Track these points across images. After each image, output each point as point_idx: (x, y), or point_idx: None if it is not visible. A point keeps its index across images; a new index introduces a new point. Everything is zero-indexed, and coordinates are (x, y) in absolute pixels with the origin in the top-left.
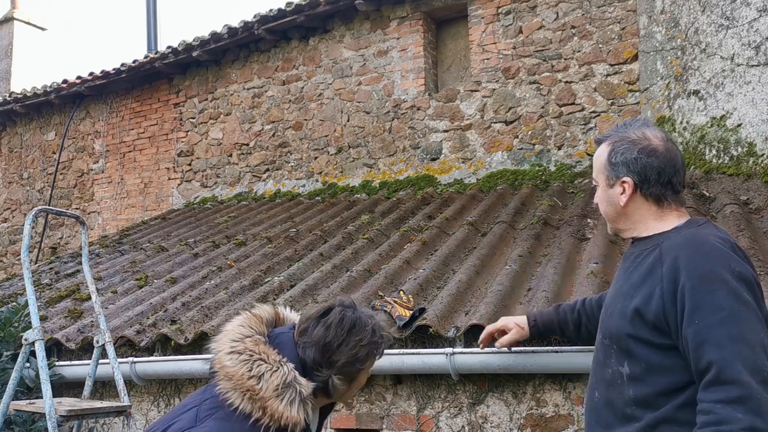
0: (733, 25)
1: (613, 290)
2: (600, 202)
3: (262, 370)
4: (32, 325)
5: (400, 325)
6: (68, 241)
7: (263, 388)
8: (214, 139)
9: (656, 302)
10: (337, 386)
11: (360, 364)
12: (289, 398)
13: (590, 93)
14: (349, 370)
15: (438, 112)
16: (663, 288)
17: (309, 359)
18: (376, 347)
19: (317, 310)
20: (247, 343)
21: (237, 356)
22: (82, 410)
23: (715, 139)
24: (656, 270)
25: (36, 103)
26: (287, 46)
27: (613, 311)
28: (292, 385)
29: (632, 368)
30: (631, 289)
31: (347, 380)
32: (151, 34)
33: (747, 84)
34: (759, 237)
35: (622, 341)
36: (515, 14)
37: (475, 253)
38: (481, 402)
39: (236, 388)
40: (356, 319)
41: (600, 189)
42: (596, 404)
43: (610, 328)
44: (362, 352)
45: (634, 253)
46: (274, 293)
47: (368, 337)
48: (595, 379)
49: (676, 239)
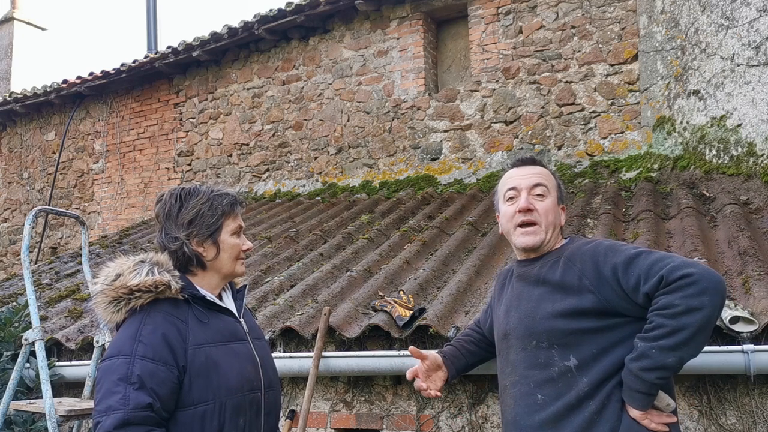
0: (733, 25)
1: (524, 302)
2: (547, 211)
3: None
4: (32, 325)
5: (400, 325)
6: (68, 241)
7: (126, 280)
8: (214, 139)
9: (588, 294)
10: (200, 251)
11: (209, 219)
12: (139, 270)
13: (590, 93)
14: (203, 231)
15: (438, 112)
16: (589, 280)
17: (160, 239)
18: (219, 200)
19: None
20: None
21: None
22: (82, 410)
23: (715, 139)
24: (571, 270)
25: (36, 103)
26: (287, 46)
27: (541, 316)
28: (144, 262)
29: (580, 358)
30: (550, 294)
31: (208, 242)
32: (151, 34)
33: (747, 84)
34: (759, 237)
35: (563, 338)
36: (515, 14)
37: (475, 253)
38: (481, 402)
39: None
40: (188, 188)
41: (551, 200)
42: (541, 405)
43: (541, 331)
44: (204, 209)
45: (534, 267)
46: (274, 293)
47: (205, 195)
48: (532, 384)
49: (572, 247)
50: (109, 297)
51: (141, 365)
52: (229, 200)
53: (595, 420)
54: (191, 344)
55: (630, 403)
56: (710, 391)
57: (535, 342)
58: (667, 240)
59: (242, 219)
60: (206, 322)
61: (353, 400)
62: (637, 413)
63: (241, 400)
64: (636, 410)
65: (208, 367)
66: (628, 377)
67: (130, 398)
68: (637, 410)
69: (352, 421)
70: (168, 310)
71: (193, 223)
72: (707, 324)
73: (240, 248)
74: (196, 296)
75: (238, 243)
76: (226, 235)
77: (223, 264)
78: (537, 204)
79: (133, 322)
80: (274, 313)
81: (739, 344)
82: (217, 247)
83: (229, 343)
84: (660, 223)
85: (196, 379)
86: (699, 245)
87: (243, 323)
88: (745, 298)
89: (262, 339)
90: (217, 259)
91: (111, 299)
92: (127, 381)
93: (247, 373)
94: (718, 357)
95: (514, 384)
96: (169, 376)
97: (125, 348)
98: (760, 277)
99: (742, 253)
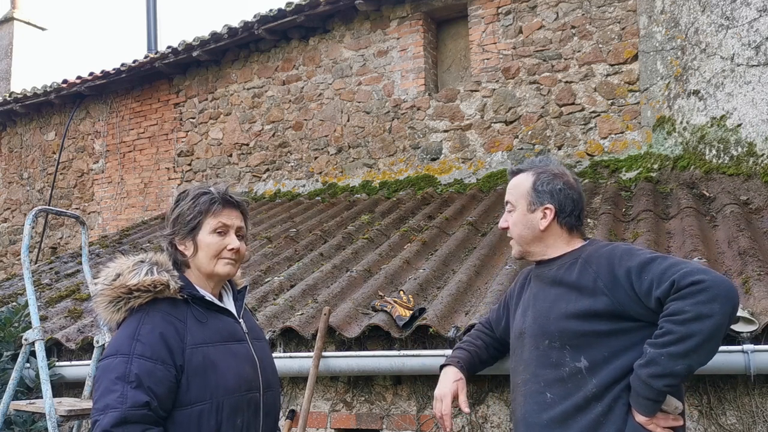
0: (733, 25)
1: (540, 301)
2: (514, 224)
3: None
4: (32, 325)
5: (400, 325)
6: (68, 241)
7: (126, 280)
8: (214, 139)
9: (602, 296)
10: (181, 249)
11: (188, 217)
12: (138, 270)
13: (590, 93)
14: (183, 230)
15: (438, 112)
16: (604, 282)
17: (160, 241)
18: (199, 198)
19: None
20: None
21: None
22: (82, 410)
23: (715, 139)
24: (587, 272)
25: (36, 103)
26: (287, 46)
27: (555, 316)
28: (143, 262)
29: (591, 359)
30: (566, 294)
31: (188, 239)
32: (151, 34)
33: (747, 84)
34: (759, 237)
35: (575, 339)
36: (515, 14)
37: (475, 253)
38: (481, 402)
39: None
40: (186, 190)
41: (517, 213)
42: (550, 403)
43: (554, 331)
44: (186, 207)
45: (552, 268)
46: (274, 293)
47: (192, 194)
48: (543, 383)
49: (591, 249)
50: (109, 297)
51: (139, 364)
52: (209, 198)
53: (601, 422)
54: (189, 344)
55: (637, 408)
56: (710, 391)
57: (547, 341)
58: (667, 240)
59: (234, 218)
60: (205, 322)
61: (353, 400)
62: (642, 419)
63: (238, 400)
64: (642, 416)
65: (205, 366)
66: (637, 383)
67: (127, 397)
68: (643, 416)
69: (352, 421)
70: (166, 309)
71: (176, 222)
72: (717, 332)
73: (220, 247)
74: (195, 296)
75: (216, 242)
76: (204, 234)
77: (200, 262)
78: (509, 220)
79: (131, 322)
80: (274, 313)
81: (739, 344)
82: (195, 245)
83: (227, 343)
84: (660, 223)
85: (193, 379)
86: (699, 245)
87: (242, 324)
88: (745, 298)
89: (262, 340)
90: (195, 257)
91: (111, 299)
92: (124, 380)
93: (245, 374)
94: (718, 357)
95: (525, 382)
96: (166, 375)
97: (123, 347)
98: (760, 277)
99: (742, 253)
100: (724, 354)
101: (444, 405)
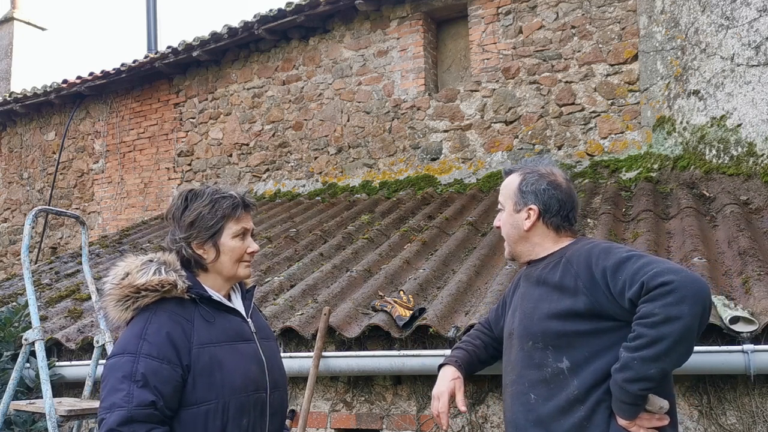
0: (733, 25)
1: (525, 302)
2: (503, 225)
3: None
4: (32, 325)
5: (400, 325)
6: (68, 241)
7: (134, 279)
8: (214, 139)
9: (582, 296)
10: (200, 253)
11: (209, 222)
12: (146, 270)
13: (590, 93)
14: (203, 234)
15: (438, 112)
16: (583, 282)
17: (167, 239)
18: (221, 202)
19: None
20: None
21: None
22: (82, 410)
23: (715, 139)
24: (568, 272)
25: (36, 103)
26: (287, 46)
27: (538, 317)
28: (152, 261)
29: (572, 360)
30: (548, 294)
31: (208, 244)
32: (151, 34)
33: (747, 84)
34: (759, 237)
35: (557, 339)
36: (515, 14)
37: (475, 253)
38: (481, 402)
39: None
40: (194, 191)
41: (506, 213)
42: (533, 405)
43: (537, 332)
44: (205, 211)
45: (538, 268)
46: (274, 293)
47: (208, 197)
48: (527, 384)
49: (574, 248)
50: (117, 296)
51: (145, 363)
52: (231, 203)
53: (584, 425)
54: (196, 343)
55: (617, 412)
56: (710, 391)
57: (531, 342)
58: (667, 240)
59: (251, 220)
60: (212, 322)
61: (353, 400)
62: (624, 422)
63: (245, 400)
64: (623, 419)
65: (212, 366)
66: (614, 387)
67: (133, 395)
68: (624, 420)
69: (352, 421)
70: (174, 309)
71: (193, 225)
72: (688, 333)
73: (242, 251)
74: (203, 296)
75: (240, 246)
76: (226, 238)
77: (223, 267)
78: (499, 220)
79: (139, 321)
80: (274, 313)
81: (739, 344)
82: (217, 249)
83: (234, 343)
84: (660, 223)
85: (199, 379)
86: (699, 245)
87: (250, 323)
88: (745, 298)
89: (271, 339)
90: (217, 262)
91: (119, 298)
92: (131, 378)
93: (252, 374)
94: (718, 357)
95: (512, 383)
96: (172, 374)
97: (130, 346)
98: (760, 277)
99: (742, 253)
100: (724, 354)
101: (441, 403)
